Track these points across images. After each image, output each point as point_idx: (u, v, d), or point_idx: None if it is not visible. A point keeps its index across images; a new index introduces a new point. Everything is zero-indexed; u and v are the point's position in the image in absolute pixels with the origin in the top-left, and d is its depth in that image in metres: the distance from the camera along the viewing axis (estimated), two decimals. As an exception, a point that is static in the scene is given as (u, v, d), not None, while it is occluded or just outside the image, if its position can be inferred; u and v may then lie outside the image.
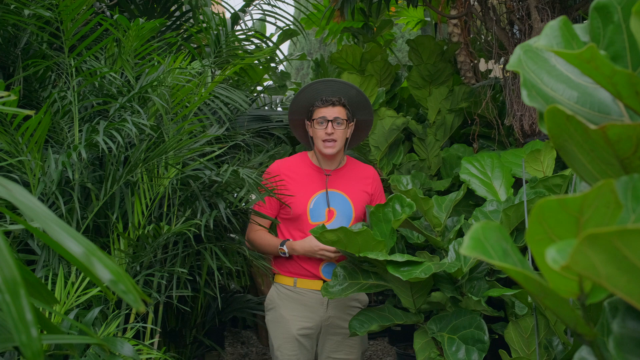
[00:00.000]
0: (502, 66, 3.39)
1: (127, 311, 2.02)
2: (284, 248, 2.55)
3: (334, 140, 2.61)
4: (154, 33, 2.22)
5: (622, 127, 0.55)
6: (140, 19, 2.12)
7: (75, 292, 1.76)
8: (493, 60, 4.94)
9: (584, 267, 0.42)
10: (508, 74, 3.76)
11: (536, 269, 1.43)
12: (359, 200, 2.71)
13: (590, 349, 0.61)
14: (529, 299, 1.98)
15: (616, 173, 0.62)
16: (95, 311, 1.56)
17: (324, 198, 2.65)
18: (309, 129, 2.71)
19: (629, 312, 0.59)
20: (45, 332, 0.96)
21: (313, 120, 2.63)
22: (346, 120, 2.64)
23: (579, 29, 0.80)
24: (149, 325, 2.16)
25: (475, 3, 3.20)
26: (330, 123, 2.59)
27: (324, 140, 2.60)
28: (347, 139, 2.71)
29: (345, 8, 3.11)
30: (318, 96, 2.64)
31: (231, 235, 3.16)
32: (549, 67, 0.77)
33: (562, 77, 0.77)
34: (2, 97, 1.18)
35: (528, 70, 0.76)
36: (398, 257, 2.14)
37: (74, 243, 0.62)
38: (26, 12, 2.17)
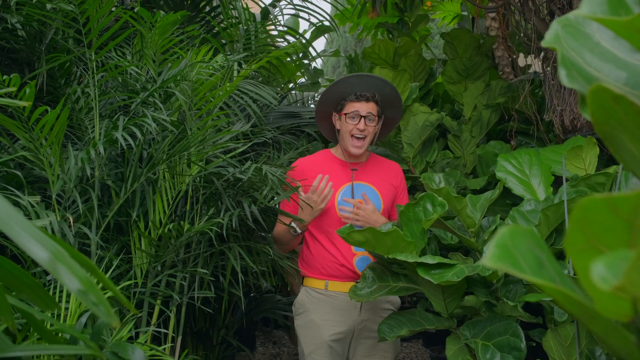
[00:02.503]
0: (541, 60, 3.23)
1: (147, 314, 1.96)
2: (292, 224, 2.47)
3: (364, 137, 2.54)
4: (176, 26, 2.16)
5: (687, 109, 0.44)
6: (163, 12, 2.05)
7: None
8: (532, 55, 4.77)
9: (642, 288, 0.32)
10: (548, 68, 3.59)
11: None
12: (387, 192, 2.64)
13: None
14: (570, 305, 1.85)
15: (677, 167, 0.51)
16: (109, 313, 1.50)
17: (349, 191, 2.57)
18: (336, 122, 2.63)
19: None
20: (42, 341, 0.89)
21: (346, 114, 2.54)
22: (377, 117, 2.58)
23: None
24: (170, 333, 2.10)
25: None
26: (363, 119, 2.52)
27: (352, 136, 2.53)
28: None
29: (378, 2, 3.00)
30: (352, 90, 2.55)
31: (262, 234, 3.09)
32: (592, 43, 0.67)
33: (607, 55, 0.66)
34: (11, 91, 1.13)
35: (567, 47, 0.65)
36: (429, 259, 2.03)
37: (39, 247, 0.54)
38: (48, 6, 2.13)
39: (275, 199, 2.47)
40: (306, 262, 2.58)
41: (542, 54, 3.08)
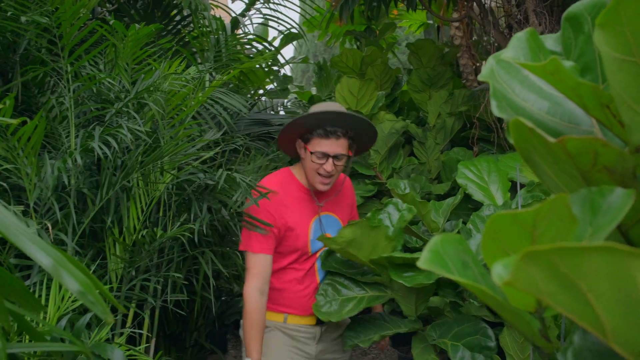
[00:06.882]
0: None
1: (121, 316, 2.03)
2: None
3: (331, 176, 2.25)
4: (149, 39, 2.23)
5: (580, 141, 0.55)
6: (137, 25, 2.13)
7: (70, 296, 1.77)
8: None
9: (526, 284, 0.42)
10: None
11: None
12: (346, 217, 2.50)
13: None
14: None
15: (579, 185, 0.62)
16: (87, 316, 1.57)
17: (318, 225, 2.35)
18: (300, 150, 2.30)
19: (591, 325, 0.59)
20: (31, 341, 0.96)
21: (311, 152, 2.21)
22: (348, 152, 2.28)
23: (552, 39, 0.80)
24: (144, 332, 2.17)
25: (475, 6, 3.20)
26: (331, 159, 2.20)
27: (319, 174, 2.24)
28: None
29: (345, 12, 3.11)
30: (321, 123, 2.19)
31: (234, 239, 3.16)
32: (521, 77, 0.78)
33: (534, 87, 0.77)
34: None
35: (499, 80, 0.76)
36: (417, 254, 2.09)
37: (43, 255, 0.62)
38: (23, 19, 2.19)
39: (245, 204, 2.53)
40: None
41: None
